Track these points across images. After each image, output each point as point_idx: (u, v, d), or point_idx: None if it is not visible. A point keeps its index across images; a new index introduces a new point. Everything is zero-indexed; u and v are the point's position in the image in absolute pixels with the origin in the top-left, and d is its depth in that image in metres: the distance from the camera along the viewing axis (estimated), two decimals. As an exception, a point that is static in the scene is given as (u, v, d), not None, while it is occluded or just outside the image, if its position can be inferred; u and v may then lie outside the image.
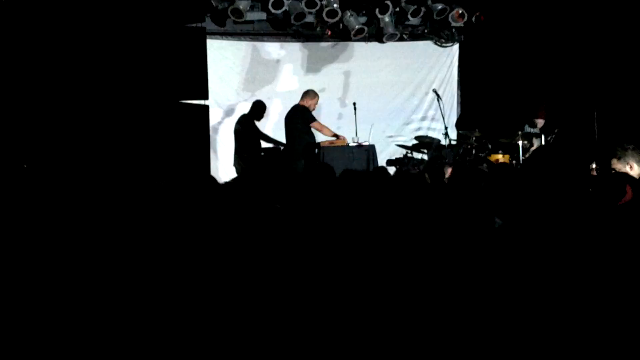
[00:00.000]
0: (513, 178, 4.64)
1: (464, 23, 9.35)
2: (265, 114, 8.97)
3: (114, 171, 6.19)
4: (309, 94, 8.56)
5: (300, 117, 8.37)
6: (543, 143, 8.26)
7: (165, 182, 5.48)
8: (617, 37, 8.11)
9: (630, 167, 4.76)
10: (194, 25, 6.67)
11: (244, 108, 9.20)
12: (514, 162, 8.18)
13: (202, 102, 6.74)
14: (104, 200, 5.39)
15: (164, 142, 6.39)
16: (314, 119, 8.41)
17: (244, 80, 9.59)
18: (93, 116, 6.07)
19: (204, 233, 3.20)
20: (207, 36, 8.67)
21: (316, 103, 8.59)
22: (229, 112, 9.50)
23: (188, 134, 6.52)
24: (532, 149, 8.19)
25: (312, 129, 8.47)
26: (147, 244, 3.19)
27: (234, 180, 6.68)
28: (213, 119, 9.20)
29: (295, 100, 8.70)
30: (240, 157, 8.83)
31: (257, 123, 8.89)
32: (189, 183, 4.11)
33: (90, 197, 5.50)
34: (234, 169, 8.94)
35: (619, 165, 4.85)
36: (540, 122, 8.46)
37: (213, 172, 9.03)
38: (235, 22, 8.68)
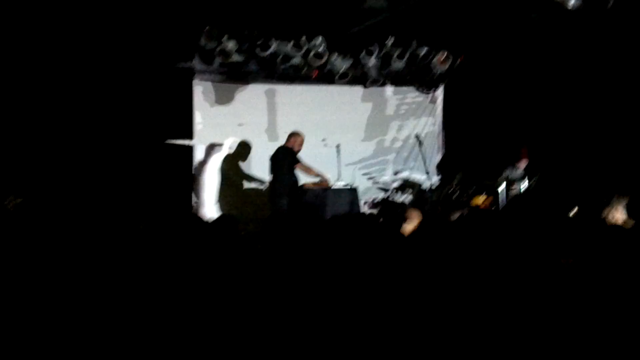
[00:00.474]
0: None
1: (448, 67, 9.51)
2: (250, 154, 9.01)
3: (97, 208, 6.18)
4: (294, 134, 8.66)
5: (285, 159, 8.43)
6: (526, 185, 8.35)
7: (144, 224, 5.48)
8: (598, 81, 8.30)
9: (616, 215, 4.85)
10: (181, 66, 6.76)
11: (229, 148, 9.26)
12: (493, 207, 8.25)
13: (186, 142, 6.81)
14: (83, 238, 5.36)
15: (147, 181, 6.41)
16: (298, 161, 8.48)
17: (231, 119, 9.65)
18: (77, 154, 6.09)
19: (180, 272, 3.20)
20: (194, 76, 8.81)
21: (301, 143, 8.67)
22: (213, 152, 9.53)
23: (171, 173, 6.57)
24: (514, 191, 8.28)
25: (296, 170, 8.53)
26: (124, 281, 3.19)
27: (216, 220, 6.71)
28: (198, 158, 9.25)
29: (280, 140, 8.76)
30: (224, 196, 8.85)
31: (242, 164, 8.94)
32: (169, 221, 4.12)
33: (71, 234, 5.48)
34: (217, 206, 8.95)
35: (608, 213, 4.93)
36: (522, 166, 8.58)
37: (197, 209, 9.08)
38: (222, 63, 8.76)
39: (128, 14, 6.39)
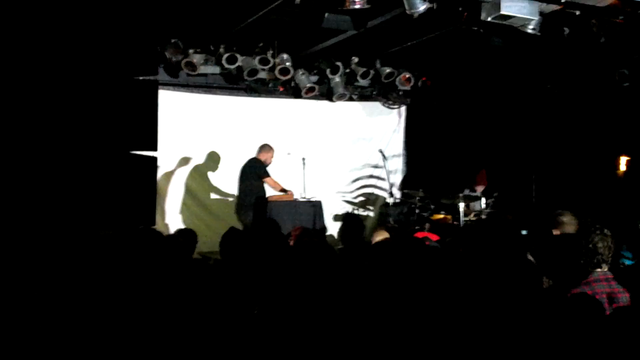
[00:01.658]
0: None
1: (411, 87, 9.71)
2: (219, 166, 9.07)
3: (58, 220, 6.14)
4: (265, 147, 8.73)
5: (254, 171, 8.52)
6: (483, 206, 8.55)
7: (107, 232, 5.49)
8: (555, 105, 8.57)
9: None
10: (146, 77, 6.76)
11: (197, 159, 9.30)
12: (454, 222, 8.44)
13: (150, 153, 6.81)
14: (44, 250, 5.35)
15: (110, 192, 6.39)
16: (267, 174, 8.56)
17: (196, 131, 9.68)
18: (39, 165, 6.04)
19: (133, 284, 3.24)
20: (160, 87, 8.81)
21: (272, 157, 8.75)
22: (180, 163, 9.55)
23: (135, 184, 6.55)
24: (471, 211, 8.46)
25: (264, 184, 8.60)
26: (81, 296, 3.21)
27: (178, 231, 6.74)
28: (164, 169, 9.26)
29: (247, 152, 8.83)
30: (188, 208, 8.88)
31: (210, 174, 8.98)
32: (132, 234, 4.14)
33: (32, 246, 5.45)
34: (180, 217, 8.97)
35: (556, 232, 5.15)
36: (480, 188, 8.79)
37: (161, 220, 9.07)
38: (188, 75, 8.81)
39: (93, 24, 6.39)
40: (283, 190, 8.66)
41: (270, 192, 8.74)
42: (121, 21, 6.57)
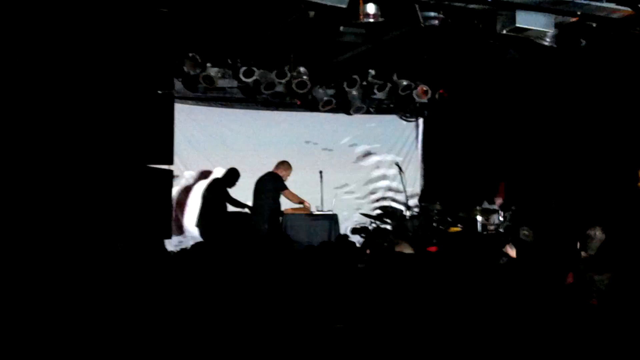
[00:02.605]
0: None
1: (428, 99, 9.68)
2: (236, 179, 9.10)
3: (76, 231, 6.21)
4: (284, 164, 8.69)
5: (272, 184, 8.49)
6: (501, 219, 8.46)
7: (122, 245, 5.54)
8: (576, 116, 8.47)
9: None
10: (162, 92, 6.84)
11: (214, 172, 9.36)
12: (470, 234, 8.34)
13: (166, 166, 6.88)
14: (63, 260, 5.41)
15: (126, 205, 6.45)
16: (285, 187, 8.53)
17: (213, 145, 9.74)
18: (58, 177, 6.13)
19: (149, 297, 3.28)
20: (178, 100, 8.90)
21: (289, 175, 8.74)
22: (196, 176, 9.61)
23: (151, 197, 6.61)
24: (490, 224, 8.38)
25: (281, 196, 8.59)
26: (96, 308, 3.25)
27: (196, 245, 6.77)
28: (181, 182, 9.32)
29: (264, 167, 8.85)
30: (204, 220, 8.91)
31: (227, 187, 8.99)
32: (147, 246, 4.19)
33: (51, 257, 5.53)
34: (198, 230, 9.00)
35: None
36: (498, 201, 8.71)
37: (177, 232, 9.12)
38: (206, 88, 8.88)
39: (112, 38, 6.49)
40: (301, 201, 8.64)
41: (286, 204, 8.74)
42: (139, 37, 6.65)
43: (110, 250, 5.96)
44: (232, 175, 9.01)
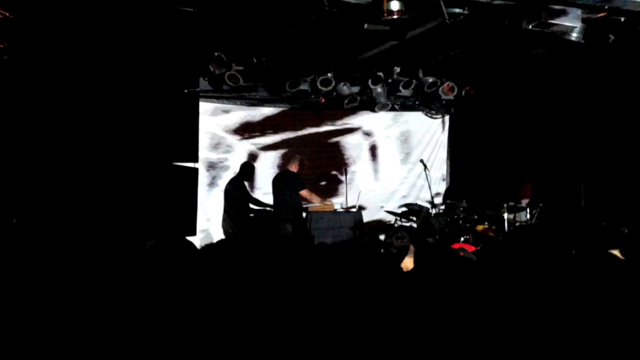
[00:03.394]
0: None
1: (454, 96, 9.62)
2: (254, 176, 9.12)
3: (104, 227, 6.31)
4: (297, 158, 8.68)
5: (289, 183, 8.44)
6: (528, 217, 8.38)
7: (150, 242, 5.60)
8: (604, 114, 8.35)
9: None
10: (187, 90, 6.91)
11: (238, 170, 9.42)
12: (499, 236, 8.27)
13: (191, 164, 6.96)
14: (91, 256, 5.49)
15: (153, 202, 6.54)
16: (303, 187, 8.48)
17: (239, 142, 9.80)
18: (84, 174, 6.22)
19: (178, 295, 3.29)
20: (204, 98, 8.98)
21: (303, 166, 8.69)
22: (220, 173, 9.67)
23: (177, 195, 6.70)
24: (518, 222, 8.30)
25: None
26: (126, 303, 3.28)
27: (219, 242, 6.81)
28: (205, 179, 9.40)
29: (288, 163, 8.88)
30: (230, 217, 8.93)
31: (246, 184, 9.04)
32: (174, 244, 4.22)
33: (78, 252, 5.61)
34: (222, 229, 9.04)
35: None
36: (525, 201, 8.63)
37: (203, 231, 9.19)
38: (232, 87, 8.93)
39: (137, 37, 6.56)
40: (321, 201, 8.61)
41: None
42: (166, 37, 6.73)
43: (139, 247, 6.04)
44: (247, 170, 9.02)
